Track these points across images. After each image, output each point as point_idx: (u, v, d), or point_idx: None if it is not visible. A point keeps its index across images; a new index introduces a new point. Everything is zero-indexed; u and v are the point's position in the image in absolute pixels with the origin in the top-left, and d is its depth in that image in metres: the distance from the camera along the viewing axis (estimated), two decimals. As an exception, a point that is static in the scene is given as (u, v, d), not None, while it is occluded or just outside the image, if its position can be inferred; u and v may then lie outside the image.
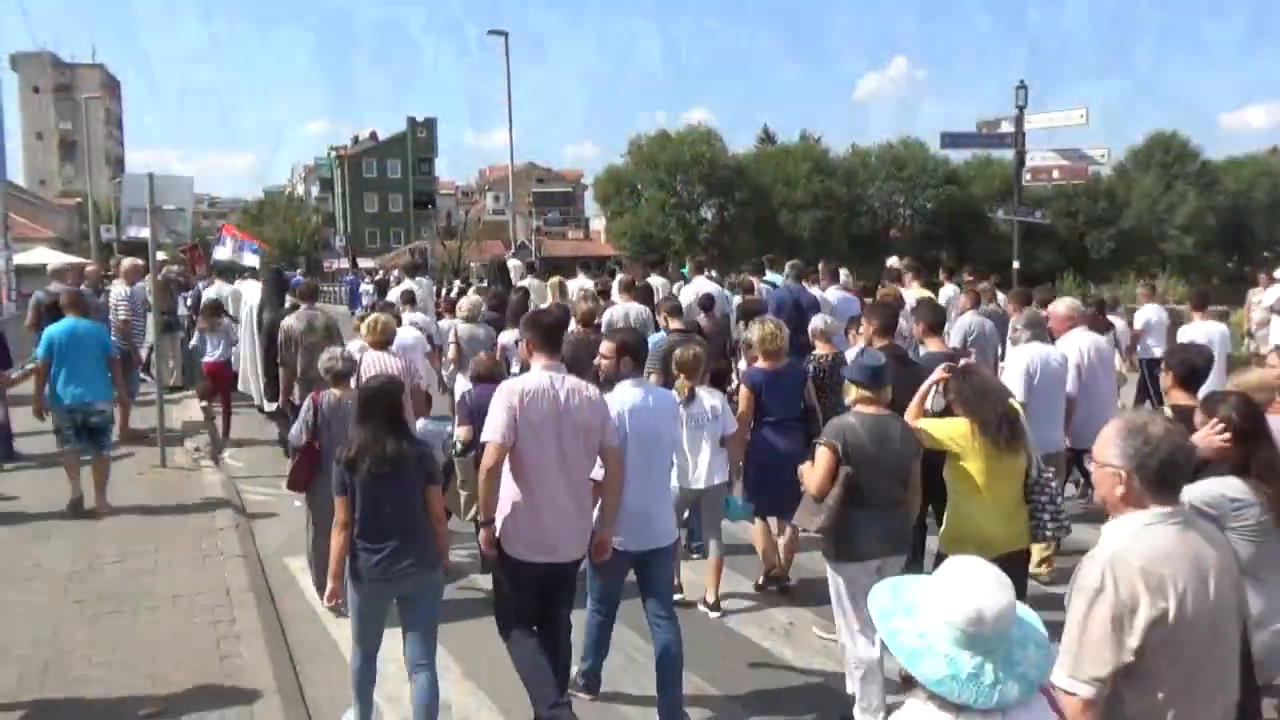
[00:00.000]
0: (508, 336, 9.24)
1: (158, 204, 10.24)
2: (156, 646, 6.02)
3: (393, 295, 14.11)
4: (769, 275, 13.71)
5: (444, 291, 19.11)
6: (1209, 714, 2.78)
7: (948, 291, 12.72)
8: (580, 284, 14.18)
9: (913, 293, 11.20)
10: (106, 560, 7.62)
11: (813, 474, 5.03)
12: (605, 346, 5.50)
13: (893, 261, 15.06)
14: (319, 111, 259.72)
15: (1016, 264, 21.62)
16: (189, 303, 15.88)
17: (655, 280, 14.16)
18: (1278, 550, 3.67)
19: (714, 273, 15.17)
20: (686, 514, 7.00)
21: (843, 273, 12.70)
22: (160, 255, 12.82)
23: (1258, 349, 13.61)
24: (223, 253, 17.05)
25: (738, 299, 12.70)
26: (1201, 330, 9.87)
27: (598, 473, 5.02)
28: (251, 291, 13.70)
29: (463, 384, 8.64)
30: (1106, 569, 2.67)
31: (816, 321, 7.69)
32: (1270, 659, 3.59)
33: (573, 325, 9.06)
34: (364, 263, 50.47)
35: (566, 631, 5.18)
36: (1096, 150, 21.74)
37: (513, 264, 21.21)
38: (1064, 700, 2.64)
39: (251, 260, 16.84)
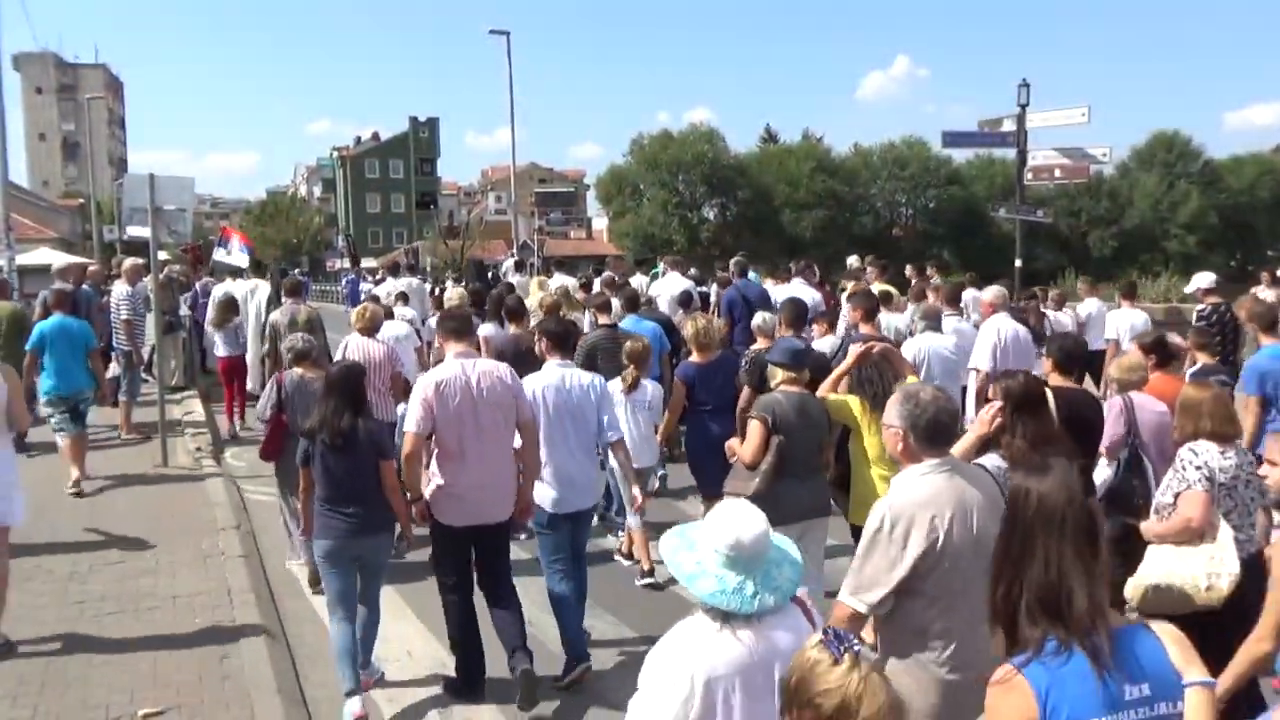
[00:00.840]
0: (485, 330, 9.78)
1: (159, 204, 10.25)
2: (156, 647, 6.02)
3: (379, 291, 15.41)
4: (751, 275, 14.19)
5: (435, 290, 19.63)
6: (981, 624, 3.04)
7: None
8: (558, 281, 15.30)
9: (874, 288, 11.52)
10: (107, 560, 7.62)
11: (746, 445, 5.55)
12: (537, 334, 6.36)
13: (852, 260, 15.90)
14: (321, 112, 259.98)
15: (1019, 263, 21.56)
16: (190, 302, 15.91)
17: (638, 279, 15.01)
18: None
19: (694, 270, 15.90)
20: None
21: (814, 268, 13.74)
22: (163, 255, 12.91)
23: None
24: (221, 254, 17.16)
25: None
26: (1127, 317, 10.53)
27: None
28: (258, 290, 13.89)
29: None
30: (885, 514, 3.28)
31: (756, 319, 8.15)
32: None
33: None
34: (367, 262, 50.47)
35: (510, 584, 5.65)
36: (1099, 149, 21.65)
37: (506, 264, 22.54)
38: (838, 607, 3.32)
39: (242, 260, 16.99)
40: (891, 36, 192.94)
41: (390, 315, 10.73)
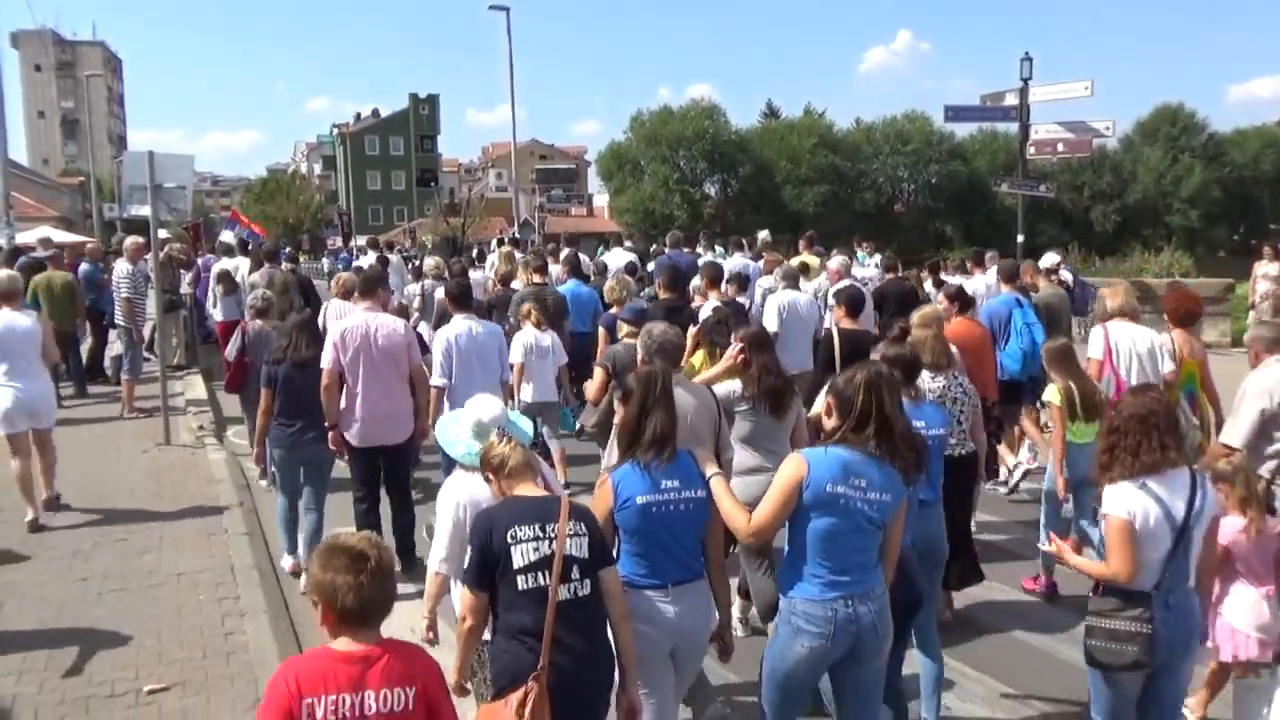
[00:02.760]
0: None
1: (158, 182, 10.21)
2: (161, 624, 6.06)
3: (360, 264, 16.97)
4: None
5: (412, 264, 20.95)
6: None
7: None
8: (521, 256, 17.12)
9: (799, 259, 13.42)
10: (110, 538, 7.65)
11: (589, 386, 6.67)
12: (439, 293, 8.20)
13: (764, 235, 17.37)
14: (321, 89, 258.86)
15: (1021, 238, 21.54)
16: (191, 279, 15.96)
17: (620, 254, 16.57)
18: (767, 424, 5.47)
19: (658, 246, 18.07)
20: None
21: (744, 242, 15.97)
22: (163, 233, 12.92)
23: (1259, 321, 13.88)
24: (228, 235, 17.52)
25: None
26: (982, 281, 11.87)
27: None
28: (241, 266, 14.35)
29: (425, 329, 10.59)
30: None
31: (695, 280, 9.86)
32: (753, 491, 4.68)
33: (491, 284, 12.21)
34: (365, 240, 50.28)
35: (408, 494, 7.20)
36: (1102, 123, 21.54)
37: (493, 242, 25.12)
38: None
39: (231, 239, 17.54)
40: (893, 11, 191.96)
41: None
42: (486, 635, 3.61)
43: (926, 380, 5.77)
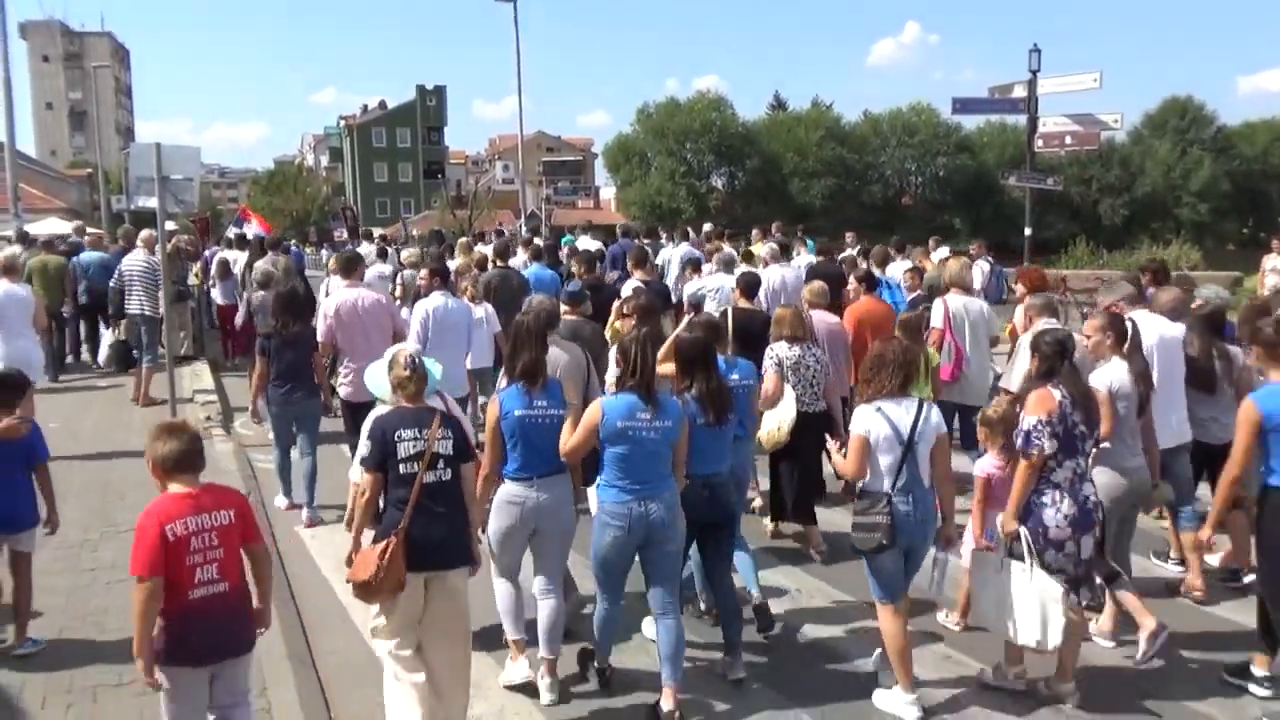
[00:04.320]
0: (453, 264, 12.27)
1: (165, 173, 10.24)
2: (168, 613, 6.06)
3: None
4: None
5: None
6: None
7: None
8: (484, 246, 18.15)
9: (758, 248, 14.54)
10: (119, 528, 7.65)
11: None
12: (423, 272, 9.51)
13: (708, 228, 18.90)
14: (327, 81, 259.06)
15: (1028, 231, 21.51)
16: (197, 271, 16.09)
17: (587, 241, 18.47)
18: None
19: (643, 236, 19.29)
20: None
21: (690, 232, 17.43)
22: (170, 226, 12.99)
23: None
24: (233, 231, 17.79)
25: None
26: (900, 267, 12.52)
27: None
28: (241, 258, 15.28)
29: (405, 312, 10.83)
30: None
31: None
32: None
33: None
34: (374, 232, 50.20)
35: None
36: (1110, 115, 21.45)
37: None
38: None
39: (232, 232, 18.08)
40: (902, 3, 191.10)
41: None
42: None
43: (783, 349, 7.04)
